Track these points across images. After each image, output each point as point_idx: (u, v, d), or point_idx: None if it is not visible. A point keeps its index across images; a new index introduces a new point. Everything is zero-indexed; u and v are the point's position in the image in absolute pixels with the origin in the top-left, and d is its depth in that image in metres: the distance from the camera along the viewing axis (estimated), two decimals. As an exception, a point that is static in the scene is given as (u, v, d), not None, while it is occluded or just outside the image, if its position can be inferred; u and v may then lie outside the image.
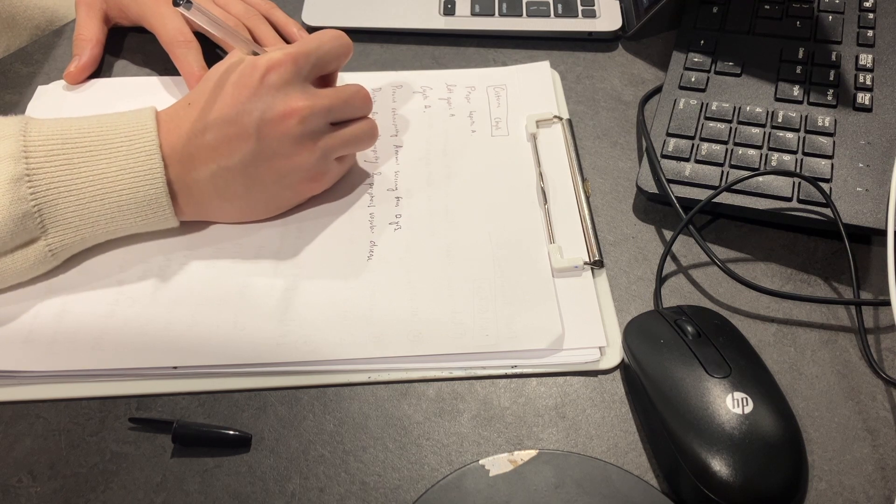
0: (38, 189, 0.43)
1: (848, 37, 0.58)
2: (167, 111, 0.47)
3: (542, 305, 0.46)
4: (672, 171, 0.51)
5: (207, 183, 0.46)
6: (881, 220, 0.48)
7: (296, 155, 0.46)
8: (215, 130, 0.45)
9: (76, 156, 0.44)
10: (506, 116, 0.57)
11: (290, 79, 0.46)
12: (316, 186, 0.50)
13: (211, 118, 0.45)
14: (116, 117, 0.46)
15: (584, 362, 0.45)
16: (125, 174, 0.44)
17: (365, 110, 0.50)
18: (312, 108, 0.46)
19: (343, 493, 0.40)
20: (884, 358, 0.45)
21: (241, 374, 0.44)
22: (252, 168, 0.46)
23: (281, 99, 0.45)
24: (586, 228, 0.50)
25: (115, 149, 0.45)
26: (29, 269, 0.45)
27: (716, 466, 0.38)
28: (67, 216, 0.44)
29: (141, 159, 0.45)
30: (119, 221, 0.45)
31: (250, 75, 0.45)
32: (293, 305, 0.46)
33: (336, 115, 0.48)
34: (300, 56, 0.46)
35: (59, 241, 0.45)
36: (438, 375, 0.44)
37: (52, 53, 0.62)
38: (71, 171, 0.44)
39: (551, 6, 0.64)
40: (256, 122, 0.45)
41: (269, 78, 0.45)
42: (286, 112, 0.45)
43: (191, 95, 0.47)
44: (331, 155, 0.48)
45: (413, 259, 0.49)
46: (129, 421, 0.42)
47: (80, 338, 0.45)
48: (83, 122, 0.45)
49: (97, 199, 0.44)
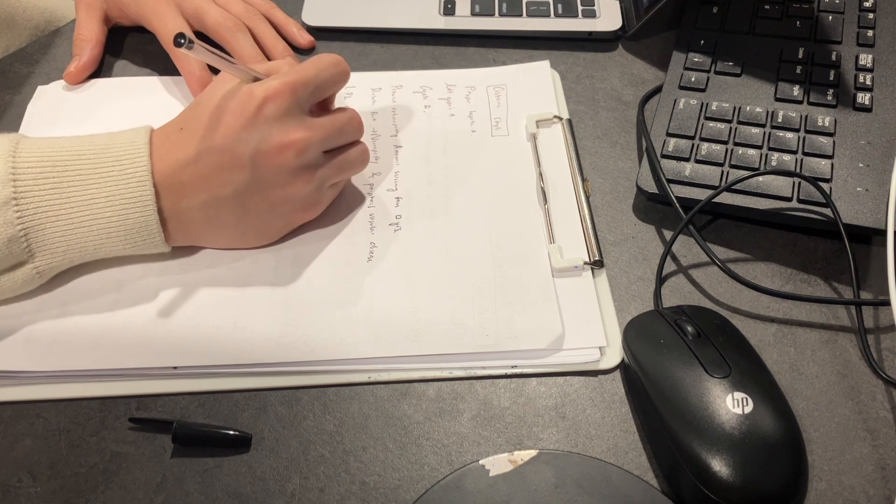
0: (25, 213, 0.42)
1: (848, 37, 0.58)
2: (159, 134, 0.46)
3: (542, 305, 0.46)
4: (672, 170, 0.51)
5: (198, 211, 0.45)
6: (881, 220, 0.48)
7: (290, 186, 0.46)
8: (209, 159, 0.44)
9: (66, 179, 0.43)
10: (506, 116, 0.57)
11: (288, 109, 0.45)
12: (309, 214, 0.49)
13: (205, 146, 0.44)
14: (109, 138, 0.45)
15: (585, 362, 0.45)
16: (115, 200, 0.43)
17: (357, 135, 0.49)
18: (309, 140, 0.45)
19: (343, 493, 0.40)
20: (884, 358, 0.45)
21: (241, 374, 0.44)
22: (245, 198, 0.45)
23: (278, 130, 0.44)
24: (586, 228, 0.50)
25: (105, 173, 0.43)
26: (17, 289, 0.44)
27: (716, 466, 0.38)
28: (55, 241, 0.43)
29: (132, 186, 0.43)
30: (108, 247, 0.45)
31: (247, 104, 0.44)
32: (293, 305, 0.46)
33: (331, 143, 0.47)
34: (298, 85, 0.45)
35: (46, 264, 0.44)
36: (438, 375, 0.44)
37: (51, 53, 0.62)
38: (60, 196, 0.43)
39: (551, 6, 0.64)
40: (252, 153, 0.44)
41: (267, 108, 0.44)
42: (283, 145, 0.44)
43: (184, 119, 0.46)
44: (326, 183, 0.48)
45: (413, 259, 0.49)
46: (129, 421, 0.42)
47: (80, 338, 0.45)
48: (75, 143, 0.44)
49: (85, 225, 0.43)
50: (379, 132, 0.56)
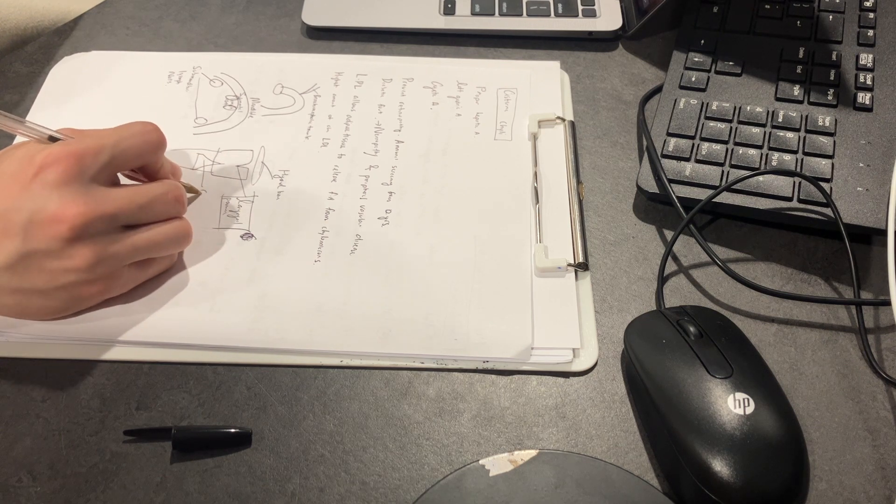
0: None
1: (848, 36, 0.58)
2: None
3: (515, 315, 0.46)
4: (672, 170, 0.51)
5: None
6: (881, 219, 0.48)
7: (69, 259, 0.41)
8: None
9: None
10: (511, 121, 0.57)
11: (70, 178, 0.41)
12: (103, 291, 0.44)
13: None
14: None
15: (556, 363, 0.45)
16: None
17: (173, 212, 0.46)
18: (88, 216, 0.41)
19: (343, 493, 0.40)
20: (884, 358, 0.45)
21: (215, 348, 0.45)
22: (21, 267, 0.41)
23: (55, 200, 0.40)
24: (574, 231, 0.50)
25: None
26: None
27: (717, 467, 0.37)
28: None
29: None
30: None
31: (26, 168, 0.41)
32: (270, 292, 0.47)
33: (128, 220, 0.43)
34: (87, 154, 0.42)
35: None
36: (410, 365, 0.45)
37: (52, 53, 0.62)
38: None
39: (551, 6, 0.64)
40: (24, 222, 0.40)
41: (45, 175, 0.41)
42: (56, 216, 0.40)
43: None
44: (122, 261, 0.44)
45: (395, 256, 0.49)
46: (124, 434, 0.42)
47: None
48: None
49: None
50: (383, 125, 0.57)
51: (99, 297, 0.45)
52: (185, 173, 0.53)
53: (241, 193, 0.52)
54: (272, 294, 0.47)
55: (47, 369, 0.45)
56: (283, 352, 0.45)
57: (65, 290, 0.43)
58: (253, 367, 0.45)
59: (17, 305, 0.44)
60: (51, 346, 0.45)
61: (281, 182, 0.53)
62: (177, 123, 0.56)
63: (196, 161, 0.54)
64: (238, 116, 0.57)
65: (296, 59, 0.61)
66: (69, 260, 0.42)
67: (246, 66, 0.61)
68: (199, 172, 0.54)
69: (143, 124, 0.45)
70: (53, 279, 0.42)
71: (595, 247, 0.50)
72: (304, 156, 0.55)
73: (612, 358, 0.45)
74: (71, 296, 0.44)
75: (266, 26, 0.65)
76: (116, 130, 0.44)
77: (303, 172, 0.54)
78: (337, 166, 0.54)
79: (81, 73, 0.60)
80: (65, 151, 0.41)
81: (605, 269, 0.49)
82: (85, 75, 0.60)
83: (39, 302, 0.43)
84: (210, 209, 0.52)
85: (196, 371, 0.45)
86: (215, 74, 0.60)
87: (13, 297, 0.43)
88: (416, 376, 0.45)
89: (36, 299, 0.43)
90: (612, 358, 0.45)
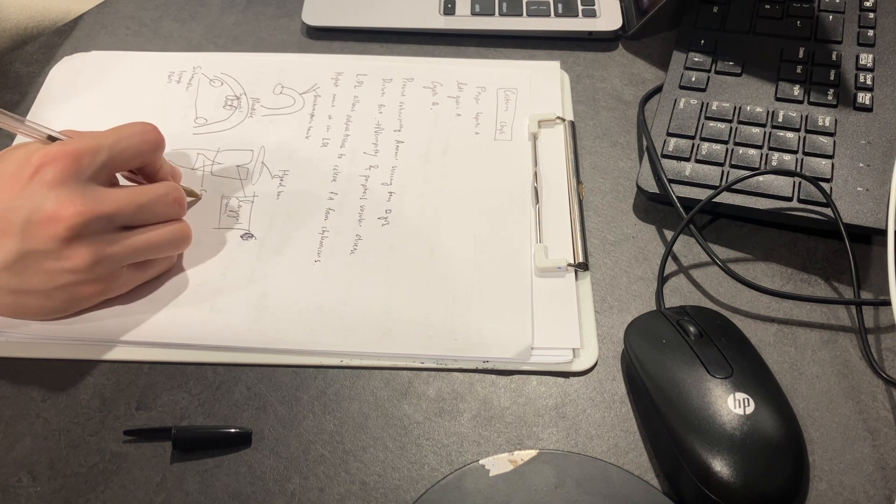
0: None
1: (848, 36, 0.58)
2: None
3: (515, 314, 0.46)
4: (672, 170, 0.51)
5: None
6: (881, 219, 0.48)
7: (67, 259, 0.41)
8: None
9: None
10: (511, 121, 0.57)
11: (67, 178, 0.41)
12: (102, 291, 0.44)
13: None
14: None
15: (556, 363, 0.45)
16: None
17: (172, 214, 0.46)
18: (85, 215, 0.41)
19: (343, 493, 0.40)
20: (884, 358, 0.45)
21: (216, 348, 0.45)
22: (19, 267, 0.41)
23: (52, 199, 0.40)
24: (574, 230, 0.50)
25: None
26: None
27: (717, 467, 0.37)
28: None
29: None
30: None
31: (24, 168, 0.41)
32: (270, 292, 0.47)
33: (126, 221, 0.43)
34: (84, 153, 0.42)
35: None
36: (410, 365, 0.45)
37: (52, 53, 0.62)
38: None
39: (551, 6, 0.64)
40: (23, 222, 0.40)
41: (42, 174, 0.41)
42: (53, 216, 0.40)
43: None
44: (120, 262, 0.44)
45: (395, 256, 0.49)
46: (124, 434, 0.42)
47: None
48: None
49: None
50: (383, 125, 0.57)
51: (98, 297, 0.45)
52: (185, 173, 0.53)
53: (241, 193, 0.52)
54: (272, 294, 0.47)
55: (47, 369, 0.45)
56: (283, 352, 0.45)
57: (63, 291, 0.43)
58: (253, 367, 0.45)
59: (16, 305, 0.44)
60: (50, 346, 0.45)
61: (281, 182, 0.53)
62: (177, 123, 0.56)
63: (196, 161, 0.54)
64: (238, 116, 0.57)
65: (296, 59, 0.61)
66: (67, 260, 0.42)
67: (246, 66, 0.61)
68: (199, 172, 0.54)
69: (142, 124, 0.46)
70: (52, 279, 0.42)
71: (595, 247, 0.50)
72: (304, 156, 0.55)
73: (612, 358, 0.45)
74: (70, 296, 0.43)
75: (266, 26, 0.65)
76: (115, 130, 0.45)
77: (303, 172, 0.54)
78: (337, 166, 0.54)
79: (81, 73, 0.60)
80: (62, 151, 0.41)
81: (605, 269, 0.49)
82: (85, 75, 0.60)
83: (38, 302, 0.43)
84: (210, 209, 0.52)
85: (196, 371, 0.45)
86: (215, 74, 0.60)
87: (12, 297, 0.43)
88: (416, 376, 0.45)
89: (35, 299, 0.43)
90: (612, 358, 0.45)
